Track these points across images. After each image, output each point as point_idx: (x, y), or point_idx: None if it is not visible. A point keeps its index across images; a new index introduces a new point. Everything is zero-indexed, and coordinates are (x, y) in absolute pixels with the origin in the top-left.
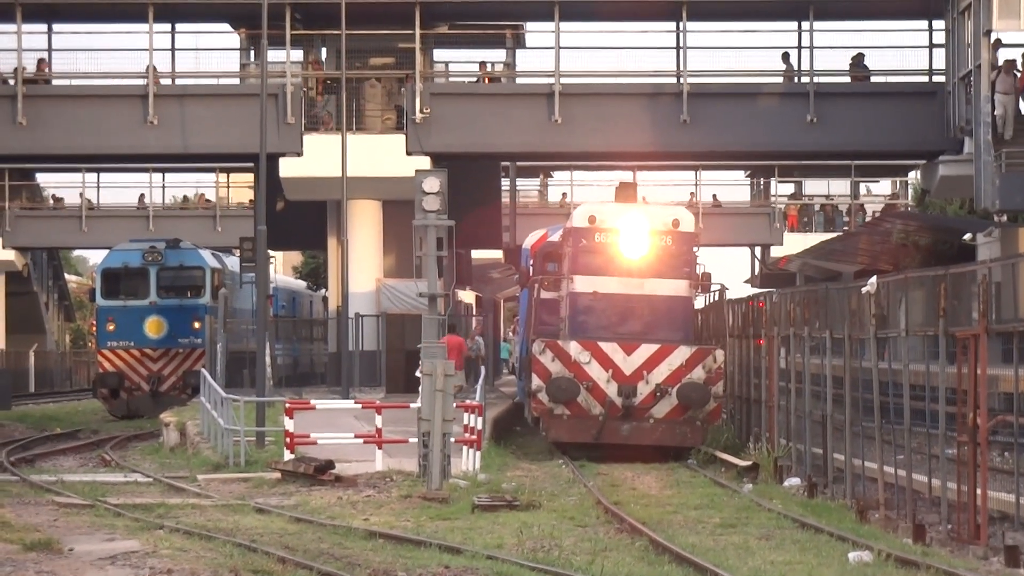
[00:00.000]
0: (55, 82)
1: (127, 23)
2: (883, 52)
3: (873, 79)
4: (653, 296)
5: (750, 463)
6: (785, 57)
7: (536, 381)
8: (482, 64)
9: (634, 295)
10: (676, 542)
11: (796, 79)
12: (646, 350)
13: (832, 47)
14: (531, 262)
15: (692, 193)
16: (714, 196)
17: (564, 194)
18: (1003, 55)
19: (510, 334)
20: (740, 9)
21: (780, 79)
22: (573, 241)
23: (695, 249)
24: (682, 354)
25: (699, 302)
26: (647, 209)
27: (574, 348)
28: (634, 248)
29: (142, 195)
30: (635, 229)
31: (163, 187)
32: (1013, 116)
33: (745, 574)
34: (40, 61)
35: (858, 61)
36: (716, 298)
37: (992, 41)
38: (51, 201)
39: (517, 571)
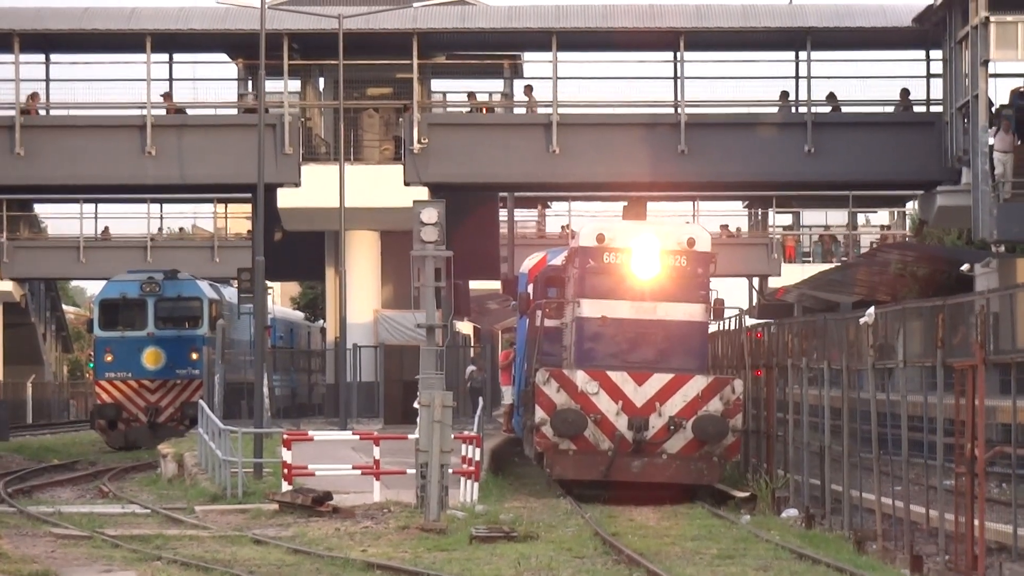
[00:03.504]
0: (53, 112)
1: (125, 53)
2: (881, 82)
3: (871, 109)
4: (667, 321)
5: (748, 494)
6: (784, 96)
7: (540, 414)
8: (470, 95)
9: (646, 320)
10: (674, 573)
11: (794, 109)
12: (659, 380)
13: (830, 77)
14: (530, 287)
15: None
16: (729, 227)
17: (563, 226)
18: (998, 100)
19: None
20: (738, 40)
21: (777, 109)
22: (579, 262)
23: (711, 271)
24: (698, 384)
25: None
26: (660, 227)
27: (581, 378)
28: (646, 269)
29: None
30: (647, 249)
31: (160, 218)
32: (1012, 174)
33: None
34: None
35: (832, 97)
36: (734, 325)
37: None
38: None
39: None
